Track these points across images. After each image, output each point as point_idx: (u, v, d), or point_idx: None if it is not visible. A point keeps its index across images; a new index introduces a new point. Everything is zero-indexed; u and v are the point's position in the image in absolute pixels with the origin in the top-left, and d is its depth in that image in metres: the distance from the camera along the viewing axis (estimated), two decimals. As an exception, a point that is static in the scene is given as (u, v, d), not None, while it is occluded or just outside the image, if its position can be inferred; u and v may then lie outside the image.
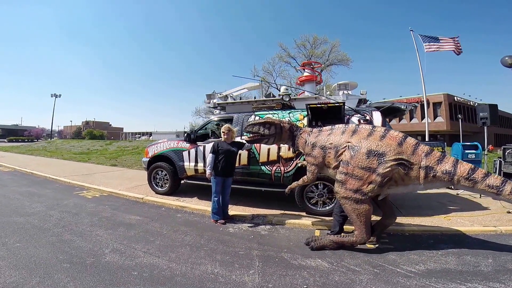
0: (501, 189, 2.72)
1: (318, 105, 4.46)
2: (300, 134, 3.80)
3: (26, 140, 44.59)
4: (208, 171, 4.08)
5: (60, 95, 42.64)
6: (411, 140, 3.07)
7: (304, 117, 4.72)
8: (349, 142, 3.20)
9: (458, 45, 12.12)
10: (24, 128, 64.39)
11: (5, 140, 46.29)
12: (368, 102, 6.00)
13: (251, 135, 3.95)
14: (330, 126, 3.62)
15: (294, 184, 3.86)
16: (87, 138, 44.56)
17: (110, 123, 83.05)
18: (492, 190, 2.75)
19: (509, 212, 4.57)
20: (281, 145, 4.45)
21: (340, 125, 3.53)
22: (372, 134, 3.17)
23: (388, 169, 2.93)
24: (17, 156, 15.03)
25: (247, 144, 4.25)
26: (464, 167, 2.87)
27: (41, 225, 3.82)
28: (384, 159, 2.96)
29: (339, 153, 3.24)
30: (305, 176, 3.63)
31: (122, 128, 76.23)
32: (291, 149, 4.39)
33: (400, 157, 2.95)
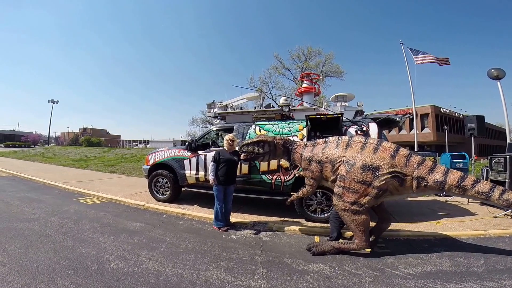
0: (489, 195, 2.87)
1: (317, 116, 4.58)
2: (295, 148, 3.87)
3: (23, 146, 44.21)
4: (211, 178, 4.13)
5: (57, 101, 42.71)
6: (403, 151, 3.17)
7: (303, 127, 4.83)
8: (343, 157, 3.29)
9: (446, 60, 12.56)
10: (21, 134, 63.87)
11: (2, 145, 45.85)
12: (364, 114, 6.17)
13: (246, 154, 4.01)
14: (324, 139, 3.71)
15: (294, 196, 3.97)
16: (84, 145, 44.41)
17: (107, 131, 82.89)
18: (481, 196, 2.91)
19: (496, 217, 4.77)
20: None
21: (334, 138, 3.61)
22: (365, 147, 3.25)
23: (383, 182, 3.05)
24: (14, 161, 14.89)
25: None
26: (454, 176, 3.00)
27: (42, 231, 3.81)
28: (379, 173, 3.06)
29: (335, 167, 3.34)
30: (304, 189, 3.71)
31: (120, 136, 76.01)
32: None
33: (393, 169, 3.06)
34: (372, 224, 3.49)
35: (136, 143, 56.07)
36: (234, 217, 4.60)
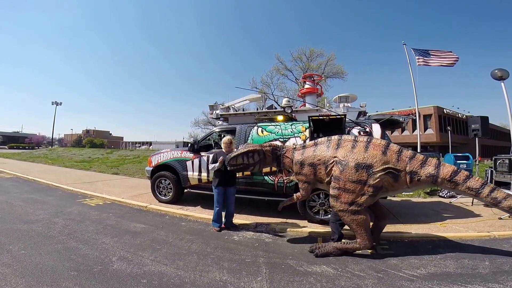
0: (479, 192, 2.87)
1: (320, 117, 4.56)
2: (284, 153, 3.76)
3: (27, 147, 44.64)
4: (217, 165, 4.06)
5: (61, 103, 42.89)
6: (393, 147, 3.16)
7: (306, 129, 4.82)
8: (335, 157, 3.26)
9: (451, 56, 12.32)
10: (25, 135, 64.46)
11: (6, 147, 46.42)
12: (368, 115, 6.16)
13: (235, 167, 3.82)
14: (313, 141, 3.65)
15: (287, 201, 3.82)
16: (87, 147, 44.67)
17: (110, 132, 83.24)
18: (471, 192, 2.90)
19: (501, 219, 4.71)
20: None
21: (323, 139, 3.56)
22: (355, 146, 3.22)
23: (378, 180, 3.03)
24: (18, 163, 15.01)
25: None
26: (447, 170, 2.99)
27: (46, 232, 3.83)
28: (373, 171, 3.04)
29: (329, 168, 3.30)
30: (298, 193, 3.62)
31: (122, 137, 76.27)
32: None
33: (387, 166, 3.05)
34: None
35: (139, 145, 56.39)
36: (237, 218, 4.59)
